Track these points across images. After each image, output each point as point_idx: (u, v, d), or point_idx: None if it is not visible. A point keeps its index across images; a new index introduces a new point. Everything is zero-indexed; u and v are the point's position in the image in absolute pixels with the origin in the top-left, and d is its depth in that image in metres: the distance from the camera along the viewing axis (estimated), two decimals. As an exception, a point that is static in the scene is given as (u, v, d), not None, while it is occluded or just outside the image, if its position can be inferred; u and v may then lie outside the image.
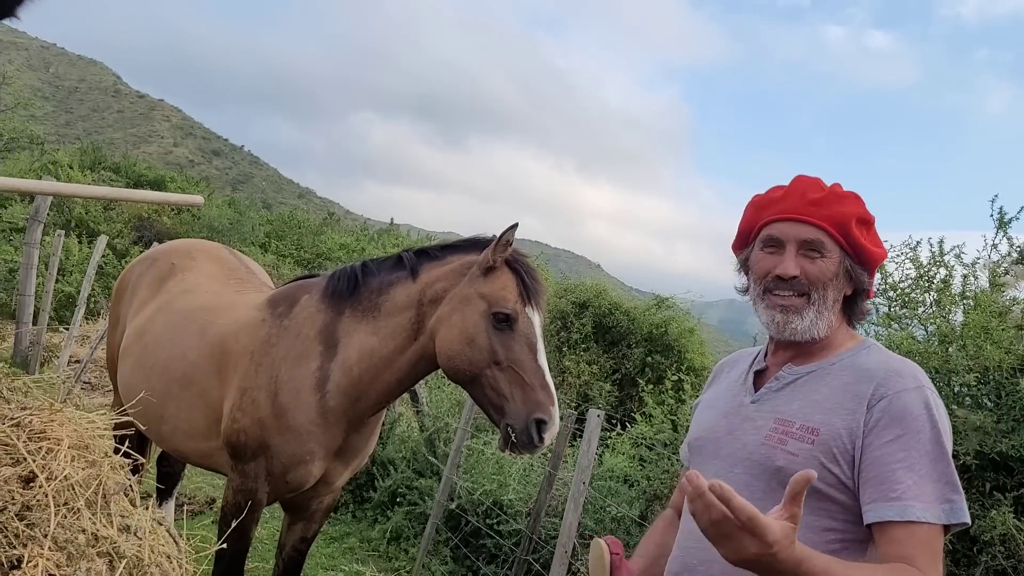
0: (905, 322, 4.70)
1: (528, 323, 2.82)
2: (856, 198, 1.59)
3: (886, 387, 1.44)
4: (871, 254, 1.58)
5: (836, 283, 1.56)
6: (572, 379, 10.87)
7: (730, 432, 1.61)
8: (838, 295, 1.57)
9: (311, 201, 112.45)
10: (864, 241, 1.56)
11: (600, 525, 4.94)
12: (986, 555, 3.42)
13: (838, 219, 1.54)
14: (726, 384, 1.76)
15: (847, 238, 1.55)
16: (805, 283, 1.54)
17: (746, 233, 1.70)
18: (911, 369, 1.49)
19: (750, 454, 1.54)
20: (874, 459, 1.39)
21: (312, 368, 3.00)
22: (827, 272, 1.54)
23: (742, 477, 1.52)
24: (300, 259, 20.48)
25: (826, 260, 1.55)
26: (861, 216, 1.57)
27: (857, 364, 1.52)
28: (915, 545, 1.33)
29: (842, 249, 1.56)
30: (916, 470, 1.37)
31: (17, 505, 1.45)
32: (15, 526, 1.41)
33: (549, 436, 2.72)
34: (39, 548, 1.39)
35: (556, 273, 25.35)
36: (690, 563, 1.56)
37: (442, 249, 3.10)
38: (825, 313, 1.55)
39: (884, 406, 1.42)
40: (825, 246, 1.55)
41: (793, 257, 1.55)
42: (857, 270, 1.58)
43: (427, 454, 6.35)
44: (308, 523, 3.46)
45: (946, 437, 1.43)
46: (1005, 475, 3.58)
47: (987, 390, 3.78)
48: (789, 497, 1.18)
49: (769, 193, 1.66)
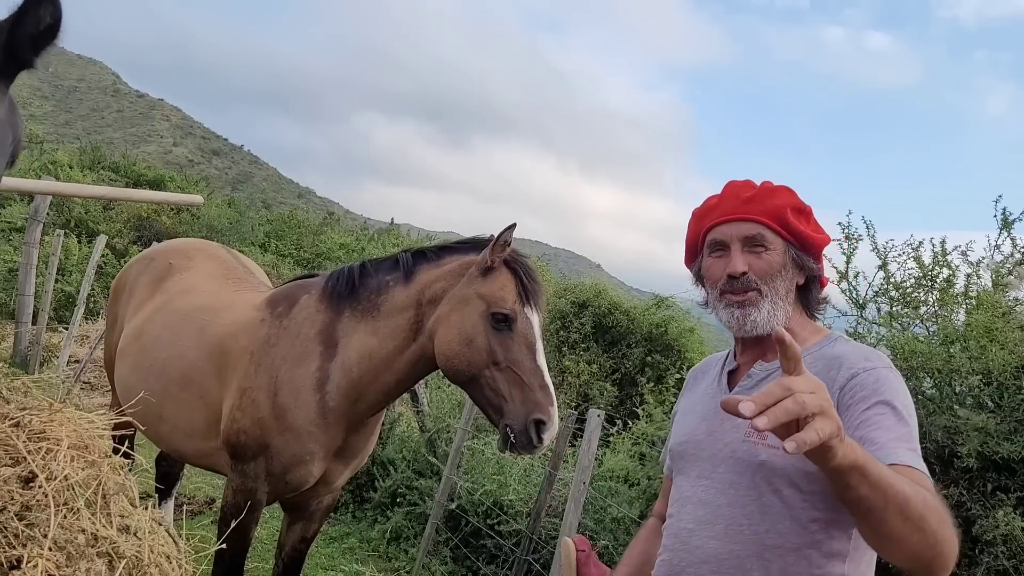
0: (907, 322, 4.70)
1: (527, 323, 2.81)
2: (788, 190, 1.64)
3: (855, 368, 1.49)
4: (813, 240, 1.63)
5: (785, 273, 1.61)
6: (572, 379, 10.86)
7: (710, 434, 1.63)
8: (790, 285, 1.62)
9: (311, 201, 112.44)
10: (804, 228, 1.61)
11: (600, 525, 4.93)
12: (988, 555, 3.41)
13: (773, 211, 1.60)
14: (701, 389, 1.79)
15: (786, 227, 1.61)
16: (755, 278, 1.59)
17: (693, 245, 1.76)
18: (878, 354, 1.55)
19: (732, 452, 1.56)
20: (854, 425, 1.42)
21: (312, 368, 2.99)
22: (774, 264, 1.60)
23: (726, 476, 1.55)
24: (300, 259, 20.48)
25: (771, 252, 1.60)
26: (795, 205, 1.62)
27: (826, 355, 1.57)
28: (919, 479, 1.36)
29: (784, 239, 1.61)
30: (891, 431, 1.40)
31: (17, 505, 1.44)
32: (15, 526, 1.40)
33: (548, 437, 2.72)
34: (39, 548, 1.38)
35: (556, 273, 25.36)
36: (678, 566, 1.58)
37: (441, 249, 3.09)
38: (780, 303, 1.59)
39: (856, 382, 1.47)
40: (767, 239, 1.60)
41: (739, 255, 1.60)
42: (803, 257, 1.63)
43: (427, 454, 6.35)
44: (308, 523, 3.45)
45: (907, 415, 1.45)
46: (1007, 476, 3.58)
47: (990, 391, 3.77)
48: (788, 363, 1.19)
49: (706, 203, 1.72)
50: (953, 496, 3.66)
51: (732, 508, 1.52)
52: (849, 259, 5.14)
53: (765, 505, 1.48)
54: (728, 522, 1.52)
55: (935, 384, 4.05)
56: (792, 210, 1.61)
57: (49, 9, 1.31)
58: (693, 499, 1.61)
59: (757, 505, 1.49)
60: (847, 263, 5.16)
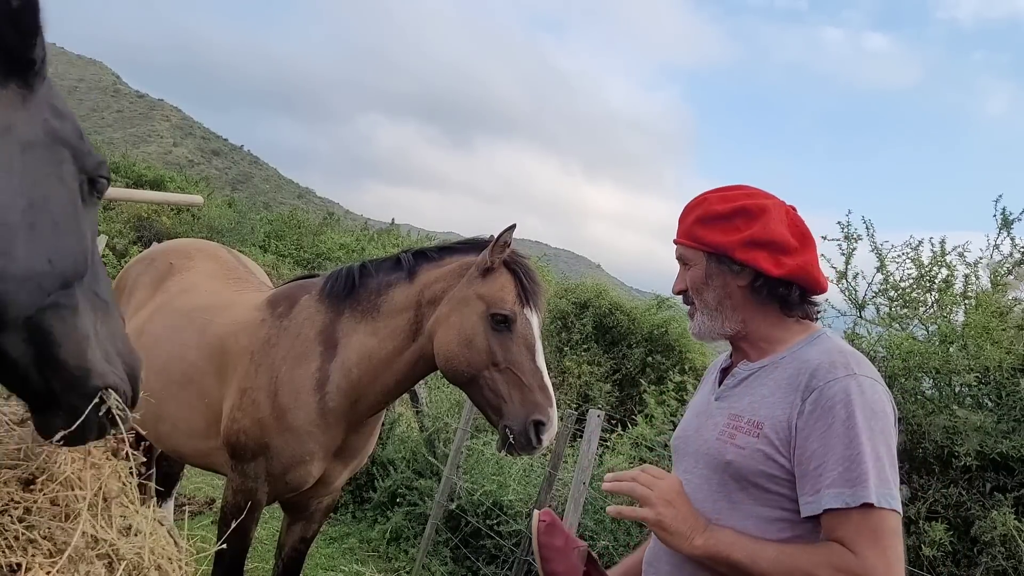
0: (906, 322, 4.70)
1: (526, 324, 2.82)
2: (699, 201, 1.73)
3: (817, 379, 1.51)
4: (721, 244, 1.67)
5: (712, 283, 1.69)
6: (572, 379, 10.86)
7: (697, 430, 1.72)
8: (722, 293, 1.68)
9: (311, 201, 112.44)
10: (711, 236, 1.68)
11: (600, 525, 4.93)
12: (986, 555, 3.42)
13: (686, 231, 1.73)
14: (706, 385, 1.87)
15: (697, 241, 1.70)
16: (690, 293, 1.73)
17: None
18: (844, 359, 1.54)
19: (708, 450, 1.64)
20: (805, 455, 1.48)
21: (312, 369, 3.00)
22: (697, 279, 1.71)
23: (703, 472, 1.64)
24: (300, 259, 20.48)
25: (694, 268, 1.72)
26: (700, 216, 1.70)
27: (799, 358, 1.60)
28: (850, 528, 1.41)
29: (704, 252, 1.70)
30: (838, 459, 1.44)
31: (19, 509, 1.45)
32: (15, 529, 1.40)
33: (547, 437, 2.72)
34: (38, 551, 1.39)
35: (556, 273, 25.35)
36: (657, 553, 1.70)
37: (441, 250, 3.10)
38: (715, 313, 1.69)
39: (815, 398, 1.50)
40: (687, 257, 1.73)
41: (680, 274, 1.77)
42: (726, 261, 1.67)
43: (427, 454, 6.35)
44: (308, 523, 3.45)
45: (863, 423, 1.46)
46: (1006, 475, 3.58)
47: (988, 390, 3.78)
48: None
49: None
50: (952, 496, 3.67)
51: (705, 503, 1.60)
52: (848, 259, 5.15)
53: (734, 502, 1.57)
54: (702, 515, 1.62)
55: (934, 384, 4.06)
56: (701, 222, 1.70)
57: None
58: None
59: (727, 501, 1.58)
60: (846, 263, 5.16)
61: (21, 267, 1.26)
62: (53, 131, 1.35)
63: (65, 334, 1.36)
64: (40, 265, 1.29)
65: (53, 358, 1.35)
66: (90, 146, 1.45)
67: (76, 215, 1.38)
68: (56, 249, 1.32)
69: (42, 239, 1.30)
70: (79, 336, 1.38)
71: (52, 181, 1.33)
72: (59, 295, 1.34)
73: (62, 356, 1.36)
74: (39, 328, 1.32)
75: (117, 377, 1.48)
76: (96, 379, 1.41)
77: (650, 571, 1.71)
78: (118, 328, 1.55)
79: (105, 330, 1.48)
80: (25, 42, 1.27)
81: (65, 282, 1.35)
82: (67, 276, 1.35)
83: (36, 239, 1.29)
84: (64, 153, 1.37)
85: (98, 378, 1.42)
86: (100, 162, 1.46)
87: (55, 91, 1.40)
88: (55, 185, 1.34)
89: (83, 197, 1.42)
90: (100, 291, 1.48)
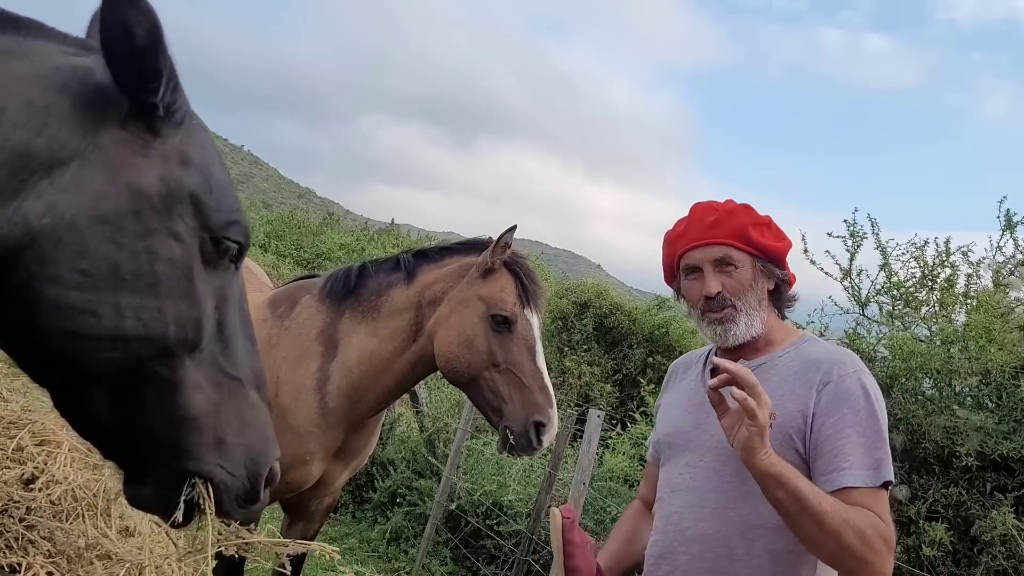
0: (908, 321, 4.70)
1: (527, 325, 2.82)
2: (746, 208, 1.79)
3: (831, 374, 1.64)
4: (776, 249, 1.78)
5: (756, 286, 1.76)
6: (573, 380, 10.86)
7: (697, 426, 1.77)
8: (761, 295, 1.77)
9: (311, 201, 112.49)
10: (766, 240, 1.75)
11: (600, 526, 4.93)
12: (987, 555, 3.42)
13: (736, 231, 1.75)
14: (684, 384, 1.93)
15: (750, 243, 1.75)
16: (728, 296, 1.74)
17: (669, 267, 1.91)
18: (850, 357, 1.70)
19: (717, 443, 1.68)
20: (827, 436, 1.59)
21: (312, 369, 3.00)
22: (744, 280, 1.75)
23: (712, 464, 1.70)
24: (300, 259, 20.48)
25: (740, 270, 1.75)
26: (755, 220, 1.76)
27: (802, 355, 1.72)
28: (871, 502, 1.54)
29: (751, 254, 1.76)
30: (859, 443, 1.58)
31: (20, 509, 1.45)
32: (15, 529, 1.40)
33: (547, 438, 2.72)
34: (38, 551, 1.39)
35: (556, 273, 25.37)
36: (669, 546, 1.72)
37: (441, 251, 3.09)
38: (755, 314, 1.75)
39: (831, 390, 1.62)
40: (734, 258, 1.75)
41: (712, 276, 1.75)
42: (770, 267, 1.78)
43: (427, 455, 6.35)
44: (308, 523, 3.45)
45: (880, 413, 1.62)
46: (1006, 476, 3.58)
47: (988, 391, 3.78)
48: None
49: (675, 227, 1.87)
50: (952, 496, 3.67)
51: (717, 493, 1.67)
52: (853, 257, 5.14)
53: (747, 491, 1.61)
54: (714, 505, 1.67)
55: (935, 384, 4.06)
56: (753, 226, 1.75)
57: (129, 10, 1.09)
58: (681, 486, 1.75)
59: (740, 490, 1.63)
60: (851, 261, 5.16)
61: (107, 327, 1.13)
62: (173, 181, 1.20)
63: (158, 407, 1.21)
64: (131, 327, 1.15)
65: (142, 430, 1.22)
66: (224, 203, 1.27)
67: (188, 277, 1.21)
68: (153, 312, 1.17)
69: (135, 299, 1.15)
70: (177, 412, 1.22)
71: (159, 236, 1.18)
72: (157, 364, 1.19)
73: (152, 429, 1.23)
74: (128, 395, 1.20)
75: (221, 469, 1.29)
76: (187, 463, 1.26)
77: (662, 564, 1.73)
78: (250, 415, 1.34)
79: (230, 413, 1.30)
80: (145, 85, 1.15)
81: (165, 350, 1.19)
82: (168, 344, 1.19)
83: (128, 298, 1.15)
84: (182, 207, 1.21)
85: (190, 462, 1.26)
86: (230, 222, 1.27)
87: (198, 139, 1.27)
88: (163, 241, 1.18)
89: (205, 258, 1.24)
90: (229, 368, 1.30)
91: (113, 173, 1.15)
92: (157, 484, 1.27)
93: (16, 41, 1.13)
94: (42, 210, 1.09)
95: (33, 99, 1.09)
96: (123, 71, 1.13)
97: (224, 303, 1.29)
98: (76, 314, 1.12)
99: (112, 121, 1.16)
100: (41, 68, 1.13)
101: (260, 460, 1.37)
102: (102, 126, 1.15)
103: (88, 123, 1.13)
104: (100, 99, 1.15)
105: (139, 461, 1.27)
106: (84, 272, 1.12)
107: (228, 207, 1.27)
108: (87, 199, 1.12)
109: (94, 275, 1.12)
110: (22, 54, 1.12)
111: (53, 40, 1.19)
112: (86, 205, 1.12)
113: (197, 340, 1.23)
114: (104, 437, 1.27)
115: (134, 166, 1.17)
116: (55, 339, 1.13)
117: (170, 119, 1.20)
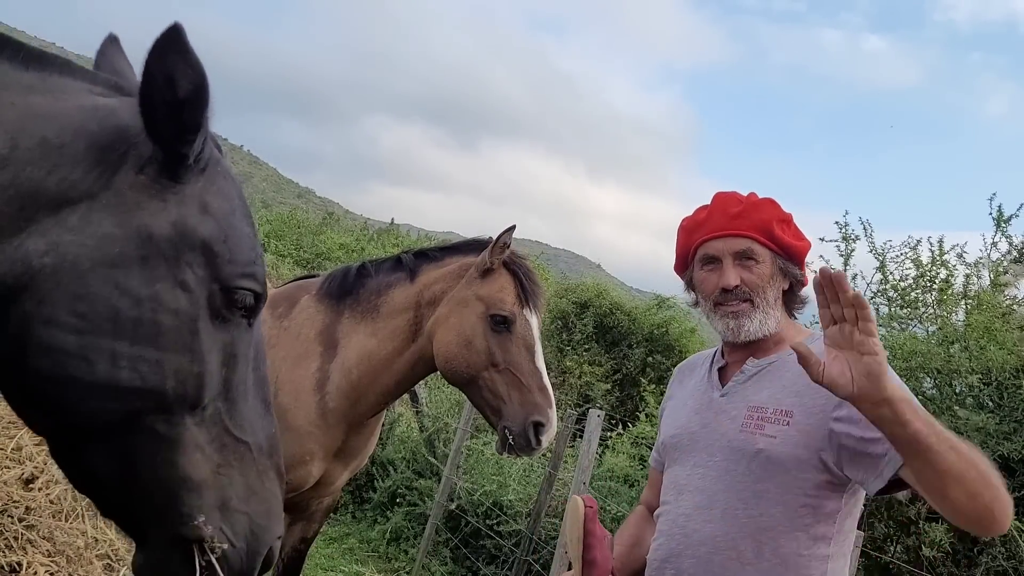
0: (905, 322, 4.70)
1: (526, 325, 2.82)
2: (772, 202, 1.74)
3: None
4: (797, 248, 1.74)
5: (774, 283, 1.71)
6: (573, 380, 10.86)
7: (704, 426, 1.73)
8: (777, 292, 1.72)
9: (311, 201, 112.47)
10: (788, 238, 1.71)
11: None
12: (987, 556, 3.42)
13: (761, 225, 1.69)
14: (690, 386, 1.88)
15: (773, 239, 1.70)
16: (746, 290, 1.69)
17: (683, 255, 1.85)
18: None
19: (728, 442, 1.66)
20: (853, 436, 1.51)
21: (312, 369, 3.00)
22: (763, 275, 1.70)
23: (721, 463, 1.66)
24: (299, 259, 20.46)
25: (760, 265, 1.70)
26: (780, 217, 1.71)
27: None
28: None
29: (772, 251, 1.71)
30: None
31: (20, 509, 1.45)
32: (15, 529, 1.40)
33: (546, 438, 2.72)
34: (38, 551, 1.39)
35: (556, 273, 25.36)
36: (675, 549, 1.67)
37: (440, 251, 3.09)
38: (770, 311, 1.70)
39: None
40: (756, 252, 1.70)
41: (731, 268, 1.70)
42: (789, 265, 1.73)
43: (427, 455, 6.35)
44: (308, 523, 3.45)
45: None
46: (1007, 476, 3.58)
47: (989, 391, 3.78)
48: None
49: (695, 215, 1.80)
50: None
51: (727, 494, 1.62)
52: (847, 260, 5.14)
53: (759, 491, 1.58)
54: (724, 507, 1.62)
55: (935, 384, 4.06)
56: (777, 222, 1.70)
57: (178, 62, 1.06)
58: (690, 487, 1.70)
59: (752, 491, 1.59)
60: (845, 264, 5.16)
61: (100, 375, 1.08)
62: (187, 229, 1.15)
63: (154, 465, 1.14)
64: (125, 378, 1.09)
65: (138, 488, 1.15)
66: (239, 255, 1.20)
67: (192, 330, 1.15)
68: (152, 363, 1.11)
69: (134, 348, 1.10)
70: (175, 472, 1.15)
71: (165, 285, 1.12)
72: (154, 419, 1.13)
73: (149, 489, 1.15)
74: (124, 450, 1.13)
75: (222, 534, 1.19)
76: (182, 526, 1.17)
77: (667, 568, 1.68)
78: (256, 483, 1.25)
79: (234, 478, 1.21)
80: (182, 137, 1.12)
81: (162, 405, 1.13)
82: (166, 398, 1.12)
83: (125, 346, 1.09)
84: (192, 255, 1.15)
85: (186, 526, 1.17)
86: (244, 273, 1.20)
87: (220, 187, 1.22)
88: (168, 290, 1.13)
89: (213, 311, 1.18)
90: (235, 430, 1.21)
91: (124, 216, 1.11)
92: (152, 549, 1.21)
93: (40, 77, 1.11)
94: (44, 248, 1.05)
95: (48, 136, 1.07)
96: (159, 121, 1.10)
97: (233, 360, 1.22)
98: (69, 359, 1.07)
99: (131, 164, 1.12)
100: (63, 106, 1.10)
101: (262, 536, 1.25)
102: (120, 169, 1.11)
103: (104, 165, 1.10)
104: (120, 141, 1.12)
105: (136, 522, 1.21)
106: (82, 316, 1.07)
107: (243, 259, 1.21)
108: (93, 241, 1.08)
109: (92, 320, 1.08)
110: (44, 90, 1.10)
111: (80, 79, 1.17)
112: (91, 247, 1.08)
113: (198, 397, 1.16)
114: (100, 494, 1.21)
115: (147, 210, 1.12)
116: (46, 383, 1.08)
117: (195, 167, 1.17)
